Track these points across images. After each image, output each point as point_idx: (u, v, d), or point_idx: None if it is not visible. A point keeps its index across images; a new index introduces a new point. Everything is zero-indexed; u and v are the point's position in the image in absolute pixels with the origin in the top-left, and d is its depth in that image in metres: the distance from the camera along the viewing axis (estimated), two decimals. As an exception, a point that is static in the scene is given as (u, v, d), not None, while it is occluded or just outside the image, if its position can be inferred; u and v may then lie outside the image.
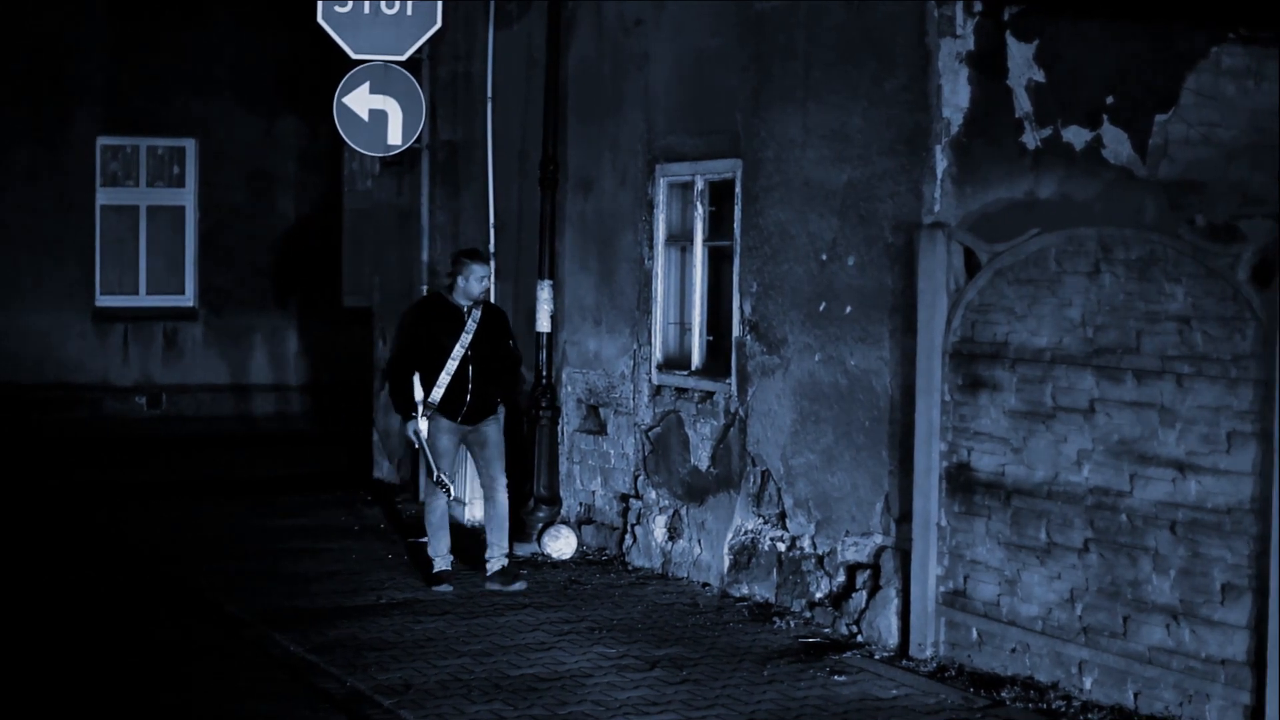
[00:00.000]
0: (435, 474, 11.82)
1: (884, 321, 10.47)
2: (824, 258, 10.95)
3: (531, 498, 13.38)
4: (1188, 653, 8.39)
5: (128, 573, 12.49)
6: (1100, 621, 8.87)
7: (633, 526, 12.90)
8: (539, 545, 13.11)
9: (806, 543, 11.12)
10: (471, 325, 11.84)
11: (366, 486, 16.62)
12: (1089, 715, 8.70)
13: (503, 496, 12.05)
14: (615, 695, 9.19)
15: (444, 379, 11.75)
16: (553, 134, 13.53)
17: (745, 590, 11.66)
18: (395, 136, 14.86)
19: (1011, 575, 9.41)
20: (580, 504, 13.67)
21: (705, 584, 12.05)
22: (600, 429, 13.43)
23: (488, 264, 12.26)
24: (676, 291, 12.80)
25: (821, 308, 10.97)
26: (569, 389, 13.79)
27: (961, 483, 9.74)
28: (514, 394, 12.78)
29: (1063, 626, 9.09)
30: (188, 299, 22.57)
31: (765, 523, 11.52)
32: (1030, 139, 9.49)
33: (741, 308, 11.75)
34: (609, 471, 13.31)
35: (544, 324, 13.45)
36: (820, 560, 10.99)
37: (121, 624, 10.88)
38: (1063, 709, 8.83)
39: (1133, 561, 8.67)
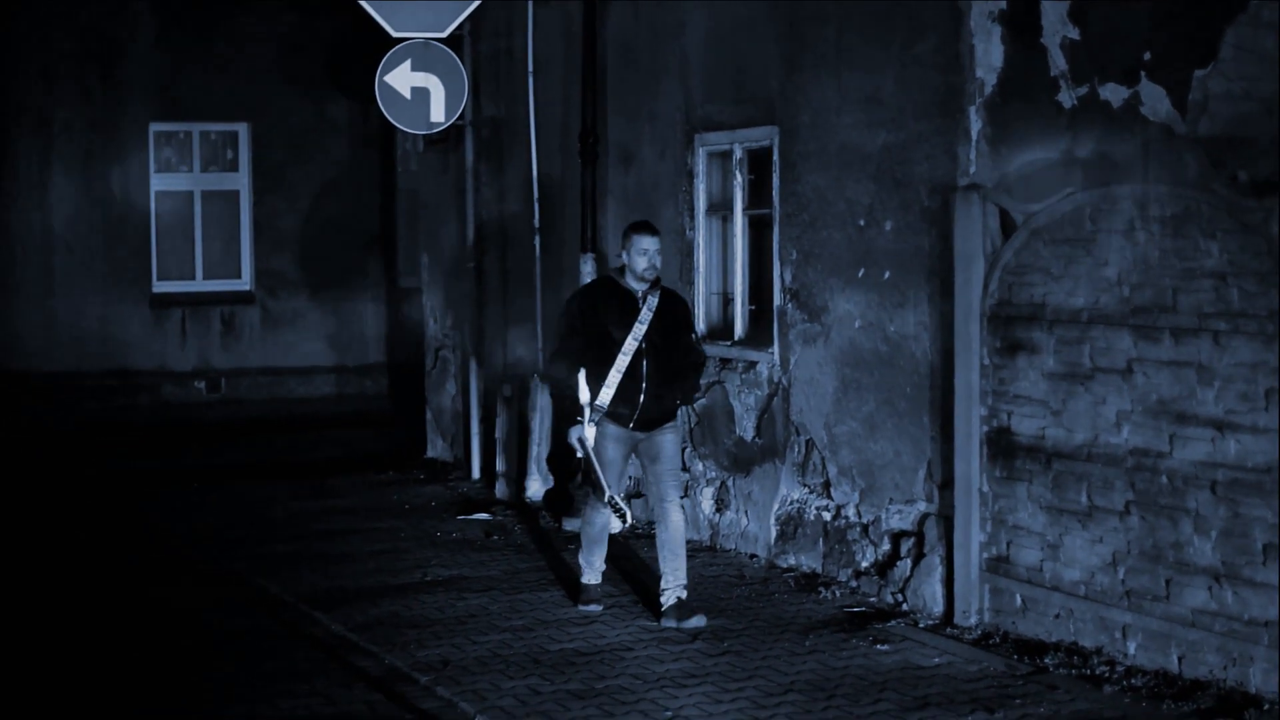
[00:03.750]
0: (605, 493, 10.13)
1: (922, 286, 10.34)
2: (861, 223, 10.83)
3: (579, 472, 13.30)
4: (1230, 615, 8.24)
5: (173, 558, 12.51)
6: (1143, 585, 8.73)
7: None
8: (587, 520, 12.99)
9: (851, 511, 11.02)
10: (646, 314, 10.06)
11: (420, 466, 16.62)
12: (1133, 680, 8.57)
13: (678, 518, 10.23)
14: (653, 668, 9.12)
15: (614, 377, 9.99)
16: (591, 106, 13.46)
17: (792, 561, 11.57)
18: (438, 114, 14.77)
19: (1054, 540, 9.28)
20: (629, 478, 13.56)
21: (753, 555, 11.97)
22: (647, 402, 13.32)
23: (656, 235, 10.20)
24: (718, 262, 12.71)
25: (860, 274, 10.85)
26: (615, 363, 13.68)
27: (1002, 447, 9.61)
28: (692, 396, 11.23)
29: (1105, 590, 8.95)
30: (244, 283, 22.63)
31: (810, 492, 11.42)
32: (1066, 98, 9.33)
33: (782, 276, 11.64)
34: (656, 445, 13.21)
35: (587, 298, 13.32)
36: (865, 529, 10.88)
37: (161, 609, 10.87)
38: (1106, 674, 8.70)
39: (1173, 523, 8.52)
